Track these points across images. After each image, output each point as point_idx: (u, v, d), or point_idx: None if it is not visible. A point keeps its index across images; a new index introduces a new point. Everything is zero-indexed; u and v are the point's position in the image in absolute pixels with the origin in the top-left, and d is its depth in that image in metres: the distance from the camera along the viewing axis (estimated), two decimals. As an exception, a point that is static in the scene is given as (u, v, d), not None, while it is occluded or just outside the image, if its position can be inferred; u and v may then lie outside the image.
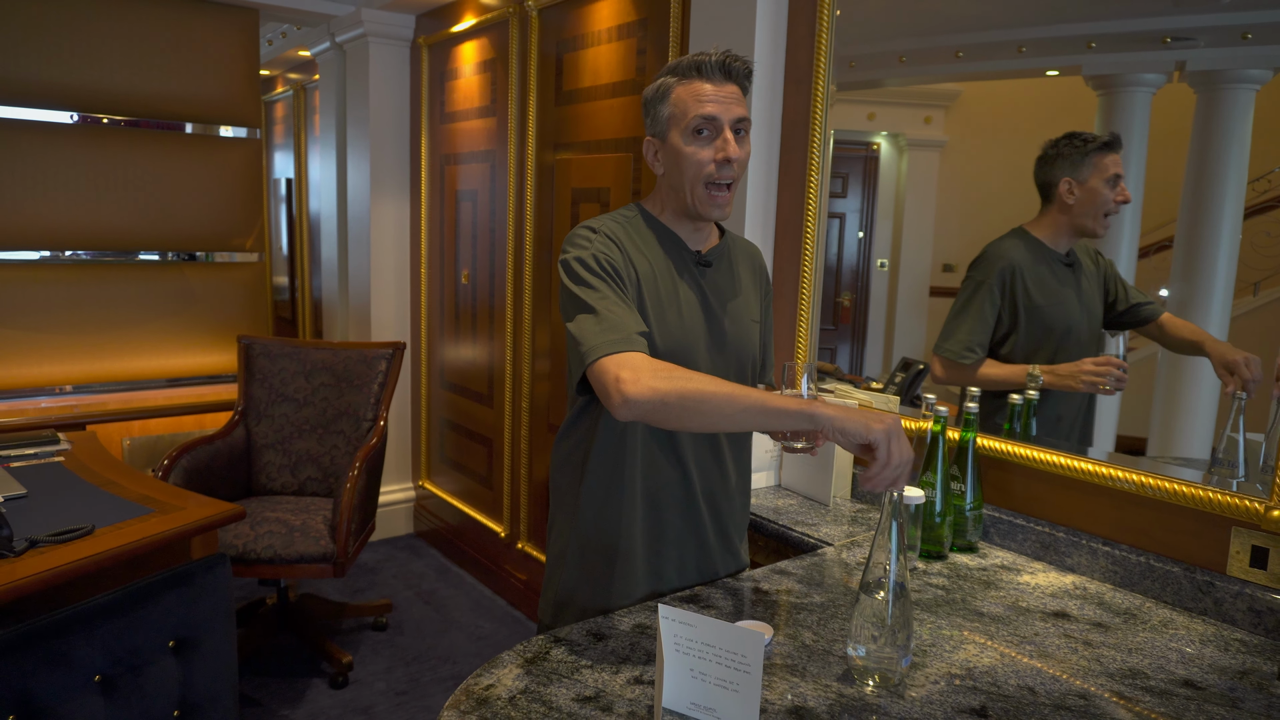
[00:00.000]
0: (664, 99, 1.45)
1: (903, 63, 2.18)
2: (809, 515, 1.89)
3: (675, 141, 1.43)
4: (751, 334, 1.56)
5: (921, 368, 2.15)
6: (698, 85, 1.41)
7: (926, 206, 2.24)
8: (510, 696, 1.11)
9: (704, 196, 1.43)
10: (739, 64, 1.44)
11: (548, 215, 3.27)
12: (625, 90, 2.84)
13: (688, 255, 1.51)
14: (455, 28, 3.69)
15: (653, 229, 1.51)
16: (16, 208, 3.54)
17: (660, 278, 1.47)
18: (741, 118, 1.43)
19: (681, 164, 1.43)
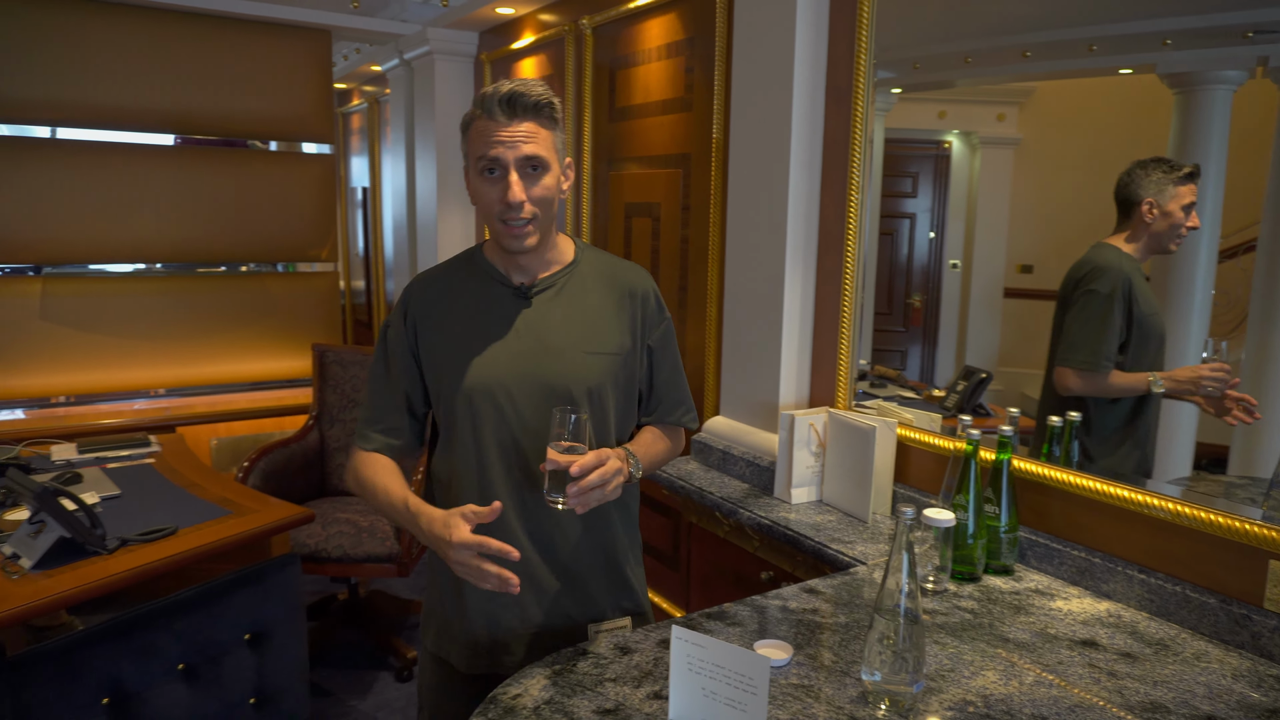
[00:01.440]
0: (465, 131, 1.43)
1: (969, 63, 2.17)
2: (846, 532, 1.92)
3: (471, 178, 1.43)
4: (598, 369, 1.48)
5: (984, 376, 2.15)
6: (485, 123, 1.38)
7: (1000, 206, 2.21)
8: (535, 706, 1.19)
9: (502, 231, 1.41)
10: (530, 98, 1.37)
11: (602, 227, 3.35)
12: (675, 107, 2.89)
13: (503, 290, 1.49)
14: (515, 44, 3.80)
15: (474, 269, 1.52)
16: (117, 224, 3.81)
17: (469, 320, 1.48)
18: (528, 156, 1.37)
19: (478, 198, 1.43)
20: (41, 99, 3.59)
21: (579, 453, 1.32)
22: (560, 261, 1.52)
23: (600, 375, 1.48)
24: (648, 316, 1.56)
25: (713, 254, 2.73)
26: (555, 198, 1.43)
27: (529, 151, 1.37)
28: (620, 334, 1.52)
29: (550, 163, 1.41)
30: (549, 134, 1.41)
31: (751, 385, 2.38)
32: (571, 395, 1.46)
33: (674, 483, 2.32)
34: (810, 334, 2.30)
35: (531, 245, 1.42)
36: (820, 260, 2.27)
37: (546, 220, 1.43)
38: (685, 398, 1.65)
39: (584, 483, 1.29)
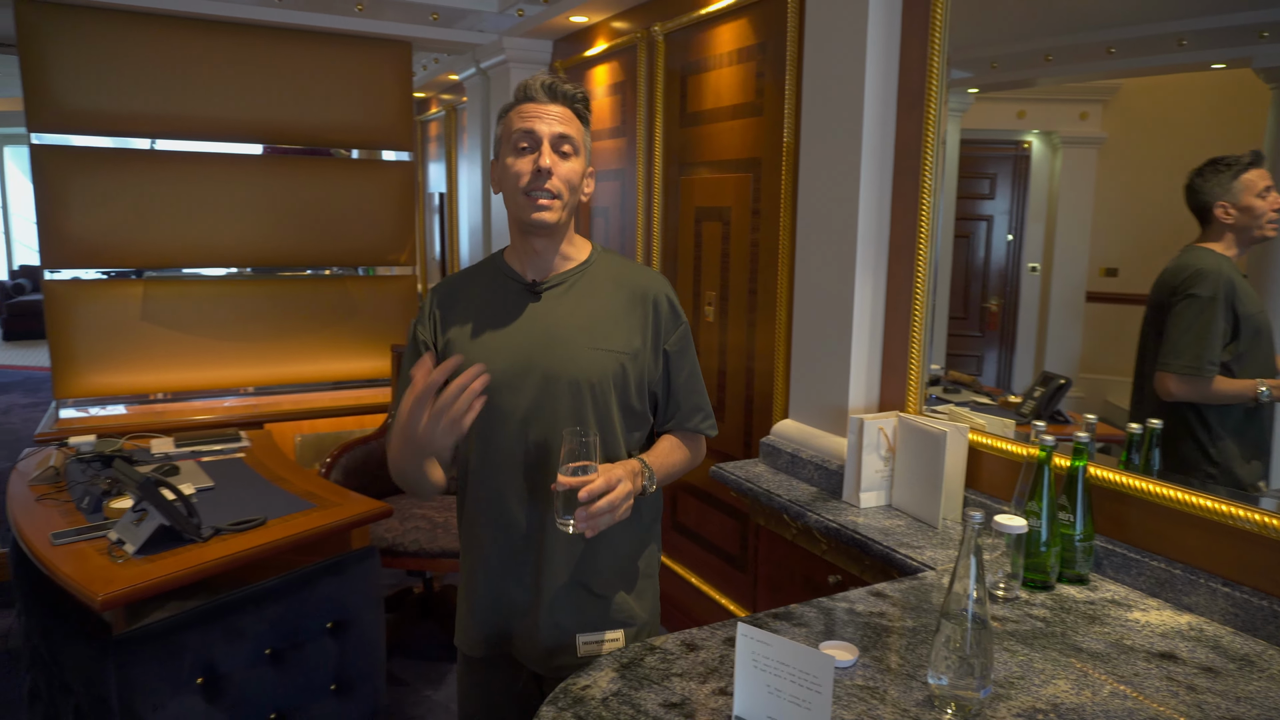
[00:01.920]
0: (502, 118, 1.52)
1: (1049, 61, 2.13)
2: (916, 537, 1.91)
3: (503, 158, 1.49)
4: (600, 364, 1.51)
5: (1063, 382, 2.11)
6: (523, 106, 1.48)
7: (1083, 207, 2.16)
8: (604, 698, 1.22)
9: (525, 203, 1.46)
10: (566, 87, 1.49)
11: (673, 231, 3.38)
12: (745, 112, 2.91)
13: (515, 286, 1.55)
14: (588, 52, 3.86)
15: (494, 270, 1.58)
16: (209, 230, 4.00)
17: (485, 320, 1.53)
18: (563, 135, 1.46)
19: (505, 177, 1.48)
20: (142, 113, 3.80)
21: (589, 473, 1.33)
22: (574, 260, 1.57)
23: (604, 370, 1.51)
24: (662, 320, 1.58)
25: (782, 257, 2.74)
26: (579, 186, 1.50)
27: (563, 130, 1.46)
28: (628, 333, 1.54)
29: (581, 150, 1.49)
30: (580, 127, 1.51)
31: (820, 389, 2.38)
32: (574, 386, 1.49)
33: (741, 484, 2.34)
34: (880, 338, 2.29)
35: (552, 221, 1.46)
36: (891, 263, 2.26)
37: (569, 206, 1.49)
38: (703, 404, 1.65)
39: (593, 508, 1.32)
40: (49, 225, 3.68)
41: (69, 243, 3.73)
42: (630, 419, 1.57)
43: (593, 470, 1.33)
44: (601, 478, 1.34)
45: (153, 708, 2.02)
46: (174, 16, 3.75)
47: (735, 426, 3.11)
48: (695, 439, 1.67)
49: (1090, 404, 1.95)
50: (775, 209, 2.79)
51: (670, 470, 1.59)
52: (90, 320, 3.82)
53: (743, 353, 3.03)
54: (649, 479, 1.50)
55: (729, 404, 3.14)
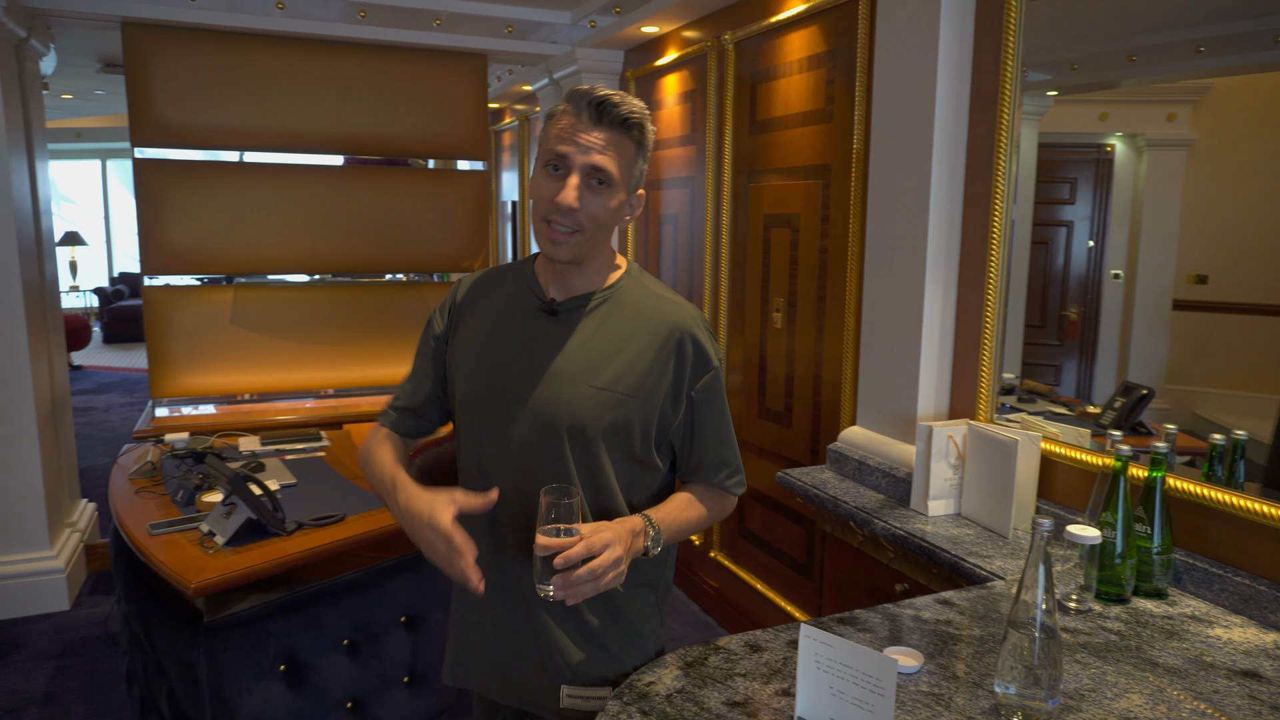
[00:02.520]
0: (546, 122, 1.35)
1: (1134, 61, 2.08)
2: (985, 546, 1.88)
3: (536, 170, 1.35)
4: (595, 407, 1.33)
5: (1145, 393, 2.05)
6: (568, 119, 1.30)
7: (1169, 212, 2.10)
8: (668, 694, 1.25)
9: (542, 231, 1.32)
10: (621, 110, 1.29)
11: (741, 238, 3.40)
12: (815, 119, 2.90)
13: (533, 303, 1.41)
14: (659, 61, 3.91)
15: (520, 274, 1.45)
16: (293, 238, 4.18)
17: (496, 333, 1.41)
18: (596, 167, 1.28)
19: (533, 194, 1.34)
20: (232, 127, 3.99)
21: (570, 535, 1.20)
22: (600, 282, 1.41)
23: (598, 414, 1.33)
24: (688, 363, 1.38)
25: (851, 264, 2.73)
26: (610, 221, 1.34)
27: (598, 162, 1.28)
28: (642, 375, 1.35)
29: (617, 183, 1.31)
30: (628, 154, 1.32)
31: (889, 396, 2.36)
32: (557, 429, 1.34)
33: (808, 491, 2.34)
34: (951, 345, 2.26)
35: (564, 258, 1.32)
36: (962, 270, 2.23)
37: (592, 240, 1.33)
38: (731, 459, 1.47)
39: (571, 575, 1.18)
40: (148, 234, 3.89)
41: (166, 250, 3.93)
42: (632, 471, 1.40)
43: (574, 533, 1.19)
44: (582, 544, 1.18)
45: (239, 692, 2.13)
46: (263, 35, 3.93)
47: (802, 433, 3.11)
48: (720, 496, 1.50)
49: (1177, 417, 1.89)
50: (845, 215, 2.78)
51: (682, 529, 1.41)
52: (184, 324, 4.03)
53: (810, 359, 3.03)
54: (653, 539, 1.33)
55: (796, 410, 3.13)
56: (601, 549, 1.20)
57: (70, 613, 3.63)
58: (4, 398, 3.49)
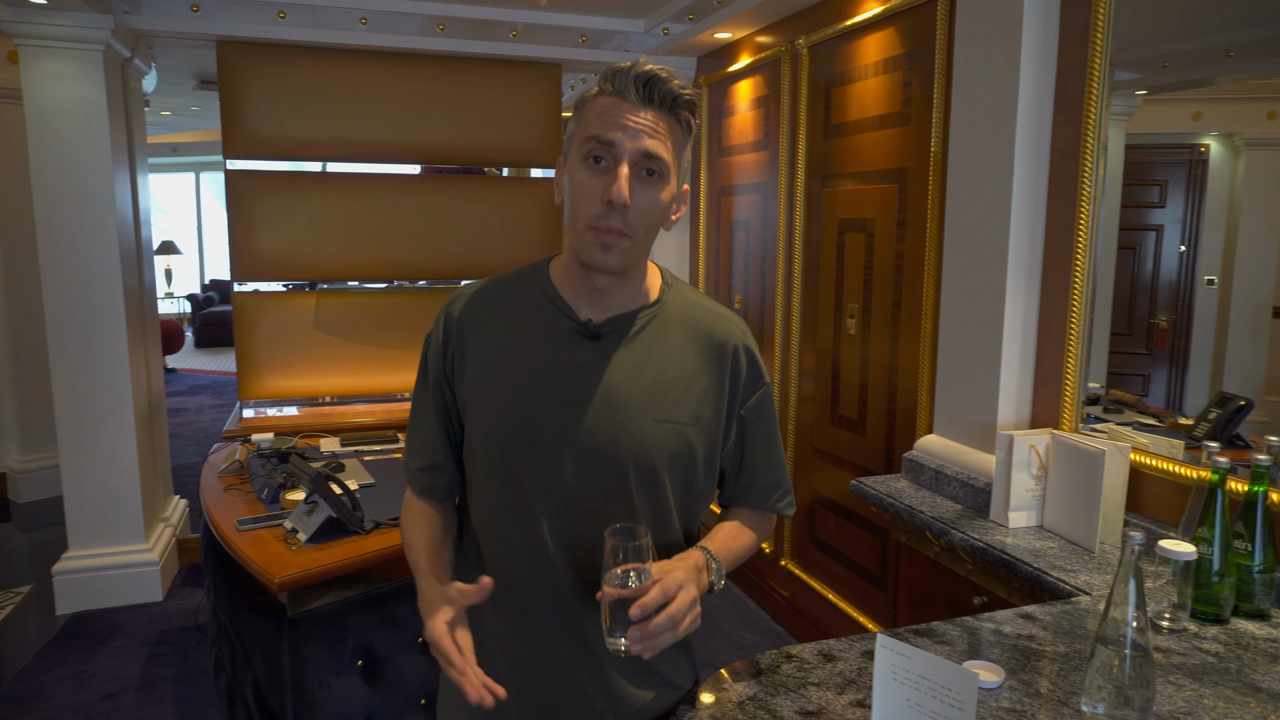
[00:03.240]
0: (578, 111, 1.18)
1: (1231, 58, 2.00)
2: (1070, 560, 1.82)
3: (572, 165, 1.16)
4: (662, 440, 1.20)
5: (1243, 404, 1.96)
6: (610, 101, 1.13)
7: (1270, 214, 2.00)
8: (740, 701, 1.24)
9: (588, 240, 1.13)
10: (672, 88, 1.13)
11: (815, 244, 3.36)
12: (891, 122, 2.86)
13: (566, 324, 1.22)
14: (732, 67, 3.90)
15: (534, 290, 1.25)
16: (373, 245, 4.30)
17: (518, 354, 1.21)
18: (651, 154, 1.11)
19: (570, 194, 1.16)
20: (316, 138, 4.14)
21: (641, 580, 1.07)
22: (643, 298, 1.24)
23: (665, 448, 1.21)
24: (740, 380, 1.27)
25: (928, 269, 2.67)
26: (661, 220, 1.18)
27: (653, 148, 1.11)
28: (700, 400, 1.23)
29: (670, 174, 1.16)
30: (678, 140, 1.16)
31: (967, 404, 2.30)
32: (624, 467, 1.19)
33: (883, 500, 2.29)
34: (1033, 353, 2.20)
35: (617, 268, 1.15)
36: (1045, 276, 2.16)
37: (643, 243, 1.17)
38: (783, 480, 1.37)
39: (649, 625, 1.05)
40: (238, 242, 4.06)
41: (254, 257, 4.09)
42: (690, 503, 1.29)
43: (646, 576, 1.07)
44: (658, 588, 1.05)
45: (319, 685, 2.19)
46: (347, 50, 4.06)
47: (877, 441, 3.05)
48: (765, 518, 1.39)
49: (1278, 429, 1.79)
50: (921, 220, 2.72)
51: (736, 558, 1.31)
52: (270, 329, 4.18)
53: (885, 366, 2.97)
54: (716, 573, 1.22)
55: (870, 418, 3.08)
56: (677, 591, 1.07)
57: (163, 603, 3.80)
58: (106, 399, 3.68)
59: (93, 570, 3.73)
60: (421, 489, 1.31)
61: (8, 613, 3.70)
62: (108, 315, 3.64)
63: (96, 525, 3.75)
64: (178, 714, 2.92)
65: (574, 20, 4.12)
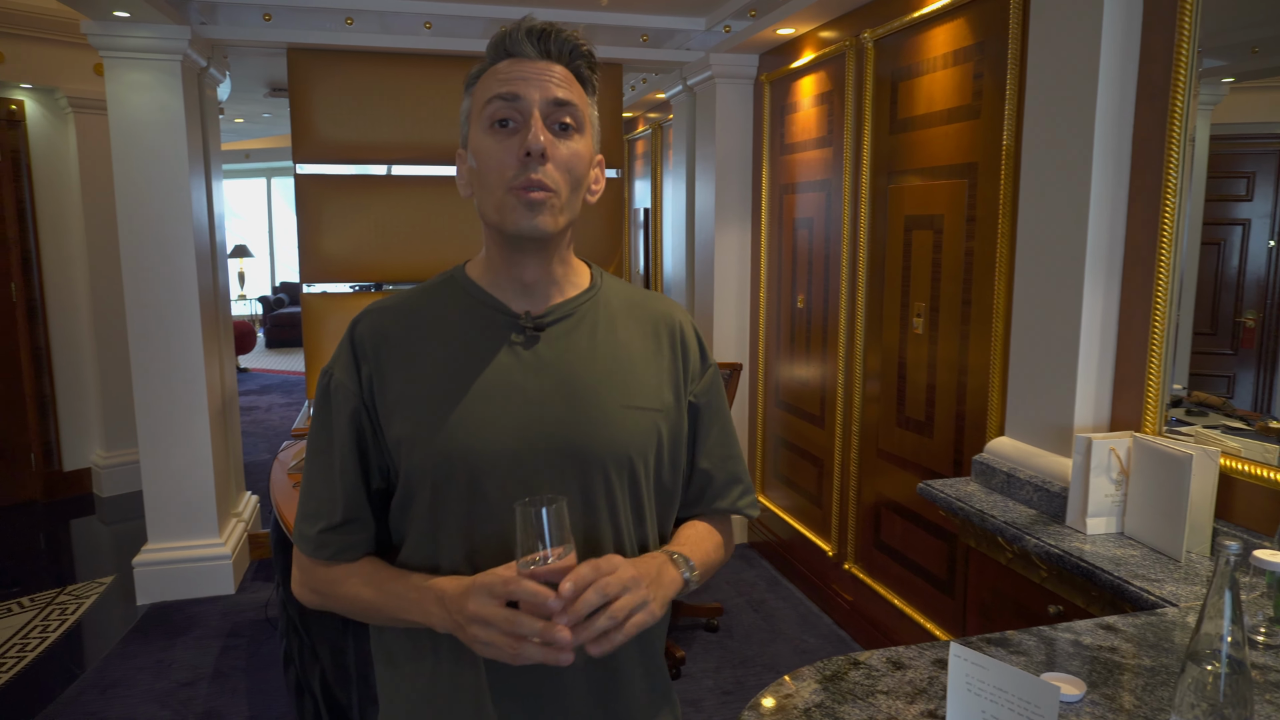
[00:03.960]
0: (471, 86, 1.07)
1: (1325, 43, 1.90)
2: (1153, 569, 1.74)
3: (475, 139, 1.04)
4: (638, 430, 1.07)
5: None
6: (504, 63, 1.03)
7: (1363, 208, 1.91)
8: (805, 708, 1.21)
9: (509, 204, 1.00)
10: (569, 38, 1.04)
11: (880, 241, 3.29)
12: (960, 116, 2.78)
13: (501, 320, 1.08)
14: (794, 64, 3.85)
15: (454, 294, 1.11)
16: (435, 245, 4.36)
17: (452, 363, 1.06)
18: (561, 101, 1.01)
19: (478, 169, 1.04)
20: (380, 142, 4.21)
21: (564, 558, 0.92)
22: (578, 285, 1.14)
23: (640, 438, 1.08)
24: (689, 362, 1.16)
25: (1000, 267, 2.59)
26: (584, 178, 1.06)
27: (563, 96, 1.01)
28: (660, 383, 1.12)
29: (585, 125, 1.05)
30: (584, 97, 1.06)
31: (1042, 406, 2.22)
32: (605, 464, 1.05)
33: (952, 504, 2.23)
34: (1112, 353, 2.11)
35: (548, 228, 1.02)
36: (1126, 272, 2.07)
37: (570, 204, 1.04)
38: (741, 473, 1.21)
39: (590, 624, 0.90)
40: (306, 244, 4.16)
41: (322, 260, 4.19)
42: (665, 504, 1.15)
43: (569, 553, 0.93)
44: (586, 565, 0.92)
45: (385, 679, 2.22)
46: (412, 54, 4.13)
47: (944, 443, 2.97)
48: (725, 522, 1.23)
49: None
50: (993, 215, 2.64)
51: (708, 559, 1.14)
52: (338, 329, 4.27)
53: (954, 367, 2.89)
54: (684, 564, 1.06)
55: (938, 420, 3.00)
56: (611, 570, 0.93)
57: (235, 596, 3.91)
58: (182, 397, 3.81)
59: (170, 563, 3.86)
60: (333, 554, 1.07)
61: (92, 602, 3.85)
62: (184, 316, 3.77)
63: (173, 520, 3.88)
64: (249, 704, 3.00)
65: (635, 20, 4.12)
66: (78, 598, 3.89)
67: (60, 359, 5.22)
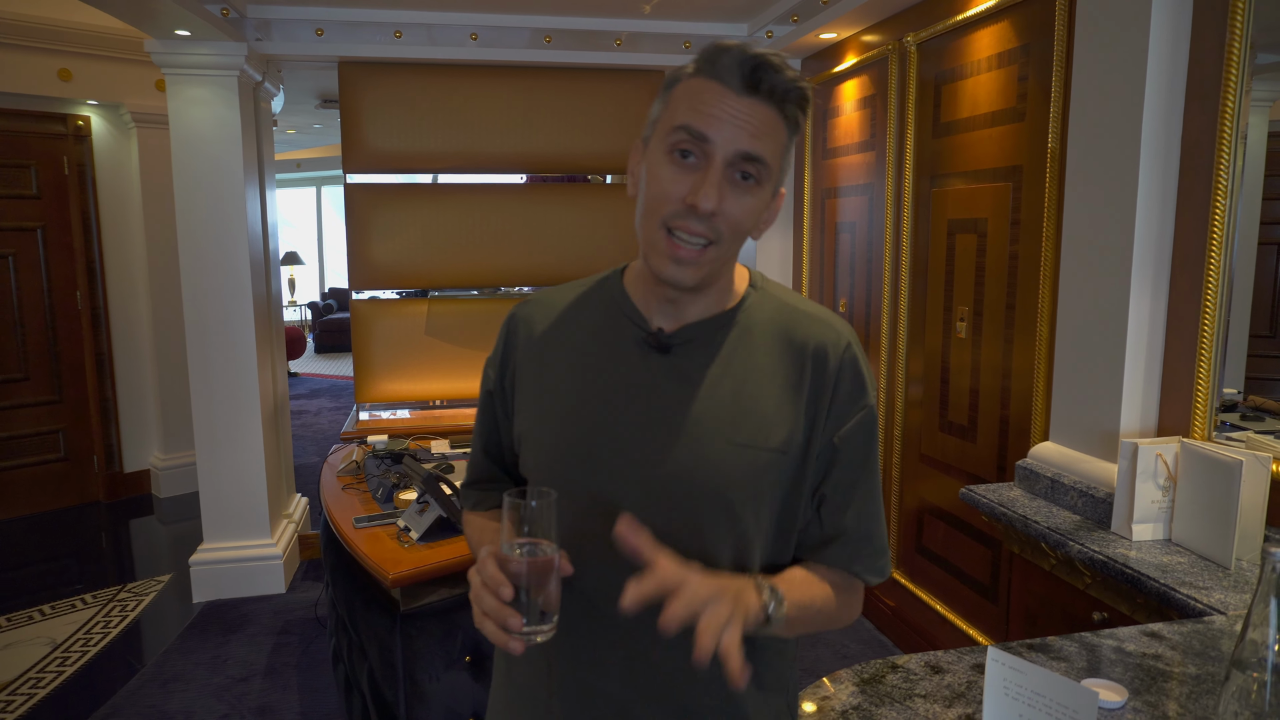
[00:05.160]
0: (667, 90, 0.99)
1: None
2: (1201, 577, 1.71)
3: (653, 155, 0.98)
4: (738, 464, 0.98)
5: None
6: (708, 84, 0.94)
7: None
8: (843, 710, 1.22)
9: (661, 243, 0.95)
10: (785, 77, 0.92)
11: (923, 245, 3.27)
12: (1005, 118, 2.75)
13: (632, 333, 1.04)
14: (837, 68, 3.84)
15: (604, 297, 1.08)
16: (481, 253, 4.43)
17: (578, 371, 1.04)
18: (751, 155, 0.93)
19: (646, 188, 0.98)
20: (427, 151, 4.30)
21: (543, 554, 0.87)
22: (721, 303, 1.04)
23: (745, 479, 0.98)
24: (837, 395, 1.02)
25: (1045, 270, 2.56)
26: (751, 230, 0.99)
27: (754, 149, 0.93)
28: (791, 420, 1.00)
29: (769, 179, 0.97)
30: (782, 139, 0.96)
31: (1086, 410, 2.20)
32: (689, 498, 0.98)
33: (994, 509, 2.21)
34: (1160, 356, 2.08)
35: (691, 281, 0.96)
36: (1174, 275, 2.04)
37: (727, 253, 0.98)
38: (876, 534, 1.07)
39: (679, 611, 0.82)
40: (355, 252, 4.26)
41: (370, 267, 4.29)
42: (776, 550, 1.05)
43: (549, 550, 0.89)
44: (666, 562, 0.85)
45: (430, 678, 2.27)
46: (457, 65, 4.21)
47: (988, 448, 2.94)
48: (852, 584, 1.08)
49: None
50: (1037, 219, 2.61)
51: (806, 604, 1.00)
52: (385, 335, 4.37)
53: (998, 371, 2.86)
54: (771, 595, 0.92)
55: (982, 425, 2.97)
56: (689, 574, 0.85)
57: (286, 595, 4.01)
58: (236, 401, 3.92)
59: (224, 562, 3.98)
60: (471, 505, 1.20)
61: (150, 599, 3.99)
62: (239, 323, 3.88)
63: (228, 520, 4.00)
64: (300, 700, 3.08)
65: (677, 27, 4.15)
66: (137, 595, 4.03)
67: (122, 365, 5.41)
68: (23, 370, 5.08)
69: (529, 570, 0.87)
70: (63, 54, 4.79)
